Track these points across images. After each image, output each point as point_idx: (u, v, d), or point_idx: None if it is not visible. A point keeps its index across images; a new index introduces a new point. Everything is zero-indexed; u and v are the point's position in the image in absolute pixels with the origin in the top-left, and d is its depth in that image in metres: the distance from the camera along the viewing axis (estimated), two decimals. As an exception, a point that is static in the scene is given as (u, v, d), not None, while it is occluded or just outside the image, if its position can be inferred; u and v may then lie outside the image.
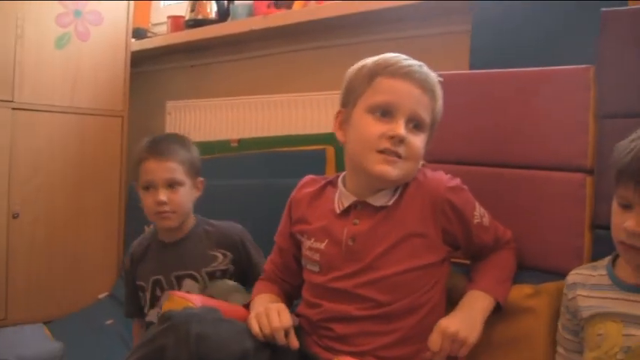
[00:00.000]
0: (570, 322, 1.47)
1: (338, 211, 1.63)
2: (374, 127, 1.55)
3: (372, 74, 1.59)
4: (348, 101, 1.64)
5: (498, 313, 1.59)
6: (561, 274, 1.55)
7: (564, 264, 1.57)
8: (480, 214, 1.63)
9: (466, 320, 1.52)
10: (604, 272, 1.41)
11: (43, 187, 3.19)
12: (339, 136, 1.66)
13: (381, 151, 1.54)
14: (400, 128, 1.53)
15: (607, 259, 1.43)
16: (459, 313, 1.55)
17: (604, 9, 1.61)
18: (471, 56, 2.06)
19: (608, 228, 1.48)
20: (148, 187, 2.02)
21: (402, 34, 2.66)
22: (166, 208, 2.01)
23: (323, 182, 1.73)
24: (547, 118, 1.69)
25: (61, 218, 3.26)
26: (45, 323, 2.91)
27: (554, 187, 1.66)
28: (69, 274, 3.26)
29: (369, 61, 1.62)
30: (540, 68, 1.73)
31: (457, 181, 1.62)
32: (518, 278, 1.66)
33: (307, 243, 1.67)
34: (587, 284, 1.42)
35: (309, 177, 1.78)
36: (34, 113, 3.16)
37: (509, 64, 1.82)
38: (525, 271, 1.70)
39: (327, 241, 1.62)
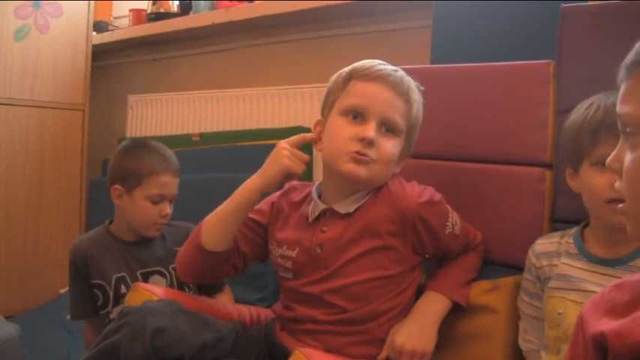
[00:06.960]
0: (534, 287, 1.49)
1: (310, 220, 1.63)
2: (346, 130, 1.55)
3: (347, 78, 1.60)
4: (326, 107, 1.65)
5: (460, 312, 1.61)
6: (520, 268, 1.57)
7: (524, 258, 1.58)
8: (452, 223, 1.62)
9: (421, 332, 1.55)
10: (571, 240, 1.44)
11: (3, 181, 3.16)
12: (318, 146, 1.65)
13: (352, 153, 1.53)
14: (370, 131, 1.52)
15: (574, 229, 1.46)
16: (413, 323, 1.57)
17: (564, 4, 1.63)
18: (432, 51, 2.07)
19: (566, 222, 1.50)
20: (158, 200, 2.02)
21: (366, 29, 2.66)
22: (165, 221, 2.04)
23: (306, 192, 1.71)
24: (507, 113, 1.70)
25: (21, 212, 3.23)
26: (5, 318, 2.87)
27: (513, 182, 1.68)
28: (29, 269, 3.23)
29: (348, 67, 1.63)
30: (501, 63, 1.75)
31: (430, 193, 1.60)
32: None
33: (278, 251, 1.66)
34: (559, 251, 1.44)
35: (292, 183, 1.75)
36: (-7, 106, 3.13)
37: (471, 59, 1.84)
38: (485, 265, 1.71)
39: (298, 249, 1.63)
